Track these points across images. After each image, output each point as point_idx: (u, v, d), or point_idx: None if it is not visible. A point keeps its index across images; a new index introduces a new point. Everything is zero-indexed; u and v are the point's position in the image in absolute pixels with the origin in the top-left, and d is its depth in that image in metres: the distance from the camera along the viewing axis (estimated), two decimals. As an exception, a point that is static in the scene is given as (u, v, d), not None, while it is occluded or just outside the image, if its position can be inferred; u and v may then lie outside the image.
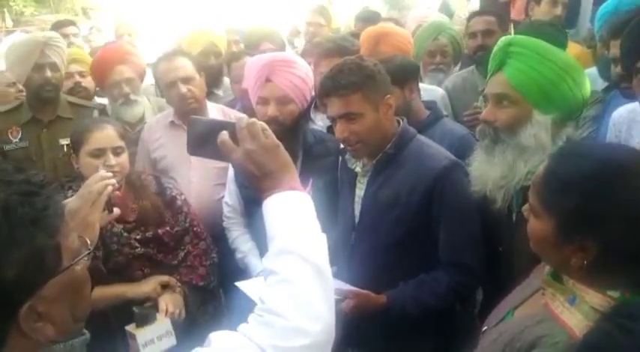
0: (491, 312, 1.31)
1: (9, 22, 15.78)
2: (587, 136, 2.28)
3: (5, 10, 16.31)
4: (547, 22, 2.89)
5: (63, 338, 0.88)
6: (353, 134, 1.80)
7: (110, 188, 1.57)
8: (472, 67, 3.15)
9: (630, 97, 2.01)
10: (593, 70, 2.47)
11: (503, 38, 1.71)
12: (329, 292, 0.93)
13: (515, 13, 4.11)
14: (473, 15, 3.28)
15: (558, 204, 1.04)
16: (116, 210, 1.66)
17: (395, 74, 2.20)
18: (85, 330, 0.93)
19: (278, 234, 0.95)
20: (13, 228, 0.76)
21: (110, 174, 1.61)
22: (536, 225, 1.09)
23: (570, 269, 1.05)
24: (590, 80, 2.36)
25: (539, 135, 1.58)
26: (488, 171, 1.66)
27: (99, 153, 2.07)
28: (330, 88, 1.81)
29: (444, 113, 2.51)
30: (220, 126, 1.06)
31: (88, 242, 0.94)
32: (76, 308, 0.88)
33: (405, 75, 2.26)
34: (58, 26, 4.41)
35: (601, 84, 2.45)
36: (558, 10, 3.29)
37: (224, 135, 1.03)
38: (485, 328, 1.25)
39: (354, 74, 1.78)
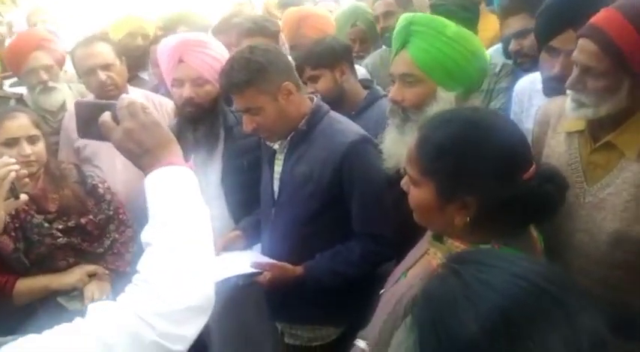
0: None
1: None
2: (500, 107, 2.38)
3: None
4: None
5: None
6: (259, 125, 1.85)
7: (14, 174, 1.55)
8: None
9: (527, 71, 2.10)
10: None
11: (403, 16, 1.75)
12: (207, 258, 0.96)
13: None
14: None
15: (435, 167, 1.11)
16: (23, 197, 1.64)
17: (323, 56, 2.23)
18: None
19: (156, 207, 0.98)
20: None
21: (13, 160, 1.59)
22: (418, 194, 1.16)
23: (454, 229, 1.13)
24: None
25: None
26: (400, 149, 1.69)
27: (12, 143, 2.02)
28: (225, 85, 1.86)
29: (383, 92, 2.52)
30: (103, 107, 1.07)
31: None
32: None
33: (334, 57, 2.27)
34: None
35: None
36: None
37: (105, 115, 1.04)
38: (382, 291, 1.32)
39: (244, 70, 1.79)
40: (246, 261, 1.91)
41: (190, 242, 0.95)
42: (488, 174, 1.07)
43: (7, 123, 2.03)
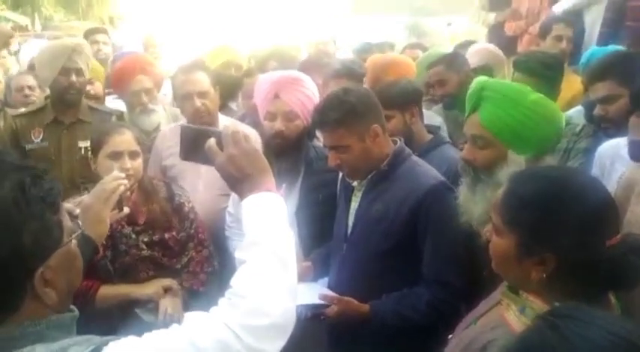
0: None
1: (38, 27, 16.29)
2: (578, 168, 2.36)
3: (36, 14, 16.85)
4: (547, 52, 2.99)
5: (60, 309, 0.99)
6: (343, 162, 1.93)
7: (122, 188, 1.70)
8: None
9: (611, 136, 2.08)
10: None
11: (476, 80, 1.79)
12: (291, 281, 1.04)
13: (523, 47, 4.25)
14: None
15: (519, 220, 1.14)
16: (125, 209, 1.79)
17: (395, 98, 2.32)
18: (73, 307, 1.05)
19: (251, 228, 1.07)
20: (28, 203, 0.91)
21: (123, 175, 1.74)
22: (499, 243, 1.19)
23: (530, 283, 1.15)
24: (584, 114, 2.47)
25: None
26: (471, 207, 1.74)
27: (116, 156, 2.15)
28: (317, 122, 1.96)
29: (447, 139, 2.59)
30: (208, 133, 1.18)
31: (80, 223, 1.07)
32: (71, 280, 1.02)
33: (406, 99, 2.36)
34: (90, 33, 4.61)
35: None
36: (563, 44, 3.42)
37: (211, 141, 1.15)
38: (450, 336, 1.35)
39: (336, 110, 1.89)
40: (314, 292, 1.97)
41: (279, 264, 1.03)
42: (570, 235, 1.08)
43: (115, 137, 2.19)
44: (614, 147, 2.06)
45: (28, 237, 0.90)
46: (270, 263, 1.02)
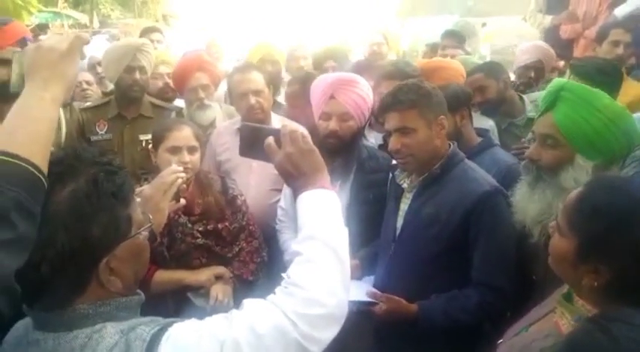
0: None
1: (96, 24, 16.99)
2: (633, 176, 2.30)
3: (94, 12, 17.57)
4: (606, 59, 2.92)
5: (126, 294, 1.06)
6: (405, 147, 1.95)
7: (180, 181, 1.79)
8: None
9: None
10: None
11: (555, 80, 1.78)
12: (345, 274, 1.08)
13: (579, 51, 4.15)
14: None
15: (584, 226, 1.14)
16: (182, 201, 1.88)
17: (448, 100, 2.32)
18: (139, 291, 1.12)
19: (307, 223, 1.11)
20: (99, 197, 0.99)
21: (181, 168, 1.83)
22: (559, 243, 1.20)
23: (581, 288, 1.16)
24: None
25: (580, 178, 1.63)
26: (528, 206, 1.73)
27: (175, 151, 2.26)
28: (390, 103, 1.97)
29: (496, 142, 2.60)
30: (267, 132, 1.23)
31: (150, 217, 1.15)
32: (138, 269, 1.10)
33: (458, 102, 2.38)
34: (145, 32, 4.79)
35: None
36: (620, 50, 3.32)
37: (270, 139, 1.20)
38: (500, 341, 1.36)
39: (413, 92, 1.94)
40: (362, 290, 2.01)
41: (334, 257, 1.07)
42: (629, 254, 1.08)
43: (175, 133, 2.30)
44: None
45: (97, 228, 0.98)
46: (326, 255, 1.06)
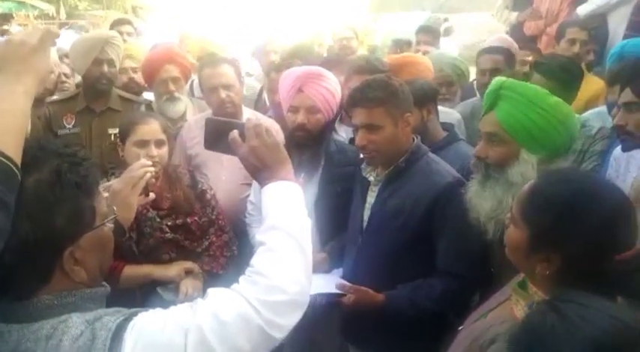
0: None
1: (63, 15, 16.58)
2: (592, 170, 2.39)
3: (61, 2, 17.13)
4: (568, 57, 3.02)
5: (91, 285, 1.07)
6: (371, 143, 1.98)
7: (149, 175, 1.79)
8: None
9: (628, 149, 2.03)
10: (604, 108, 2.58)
11: (495, 79, 1.83)
12: (307, 262, 1.11)
13: (542, 48, 4.26)
14: (482, 53, 3.40)
15: (536, 217, 1.19)
16: (151, 195, 1.88)
17: (414, 95, 2.36)
18: (104, 283, 1.13)
19: (270, 214, 1.14)
20: (63, 187, 1.00)
21: (150, 162, 1.83)
22: (514, 233, 1.25)
23: (534, 276, 1.21)
24: (603, 116, 2.50)
25: (527, 172, 1.69)
26: (480, 203, 1.79)
27: (143, 144, 2.24)
28: (358, 99, 2.00)
29: (461, 136, 2.65)
30: (231, 125, 1.25)
31: (115, 209, 1.16)
32: (102, 261, 1.11)
33: (424, 97, 2.42)
34: (116, 24, 4.71)
35: (611, 121, 2.56)
36: (576, 48, 3.46)
37: (234, 133, 1.22)
38: (460, 328, 1.41)
39: (381, 89, 1.96)
40: (330, 282, 2.04)
41: (296, 246, 1.10)
42: (579, 244, 1.12)
43: (142, 127, 2.28)
44: (629, 150, 2.08)
45: (61, 218, 0.99)
46: (288, 245, 1.09)
